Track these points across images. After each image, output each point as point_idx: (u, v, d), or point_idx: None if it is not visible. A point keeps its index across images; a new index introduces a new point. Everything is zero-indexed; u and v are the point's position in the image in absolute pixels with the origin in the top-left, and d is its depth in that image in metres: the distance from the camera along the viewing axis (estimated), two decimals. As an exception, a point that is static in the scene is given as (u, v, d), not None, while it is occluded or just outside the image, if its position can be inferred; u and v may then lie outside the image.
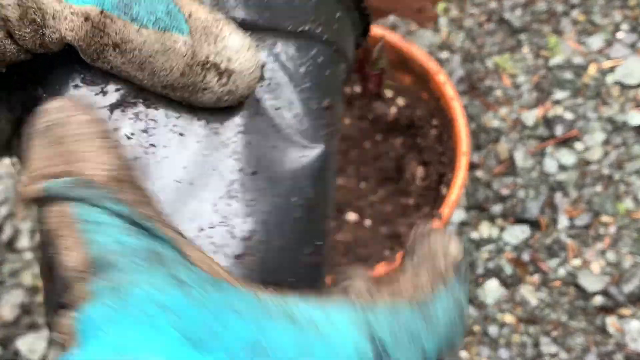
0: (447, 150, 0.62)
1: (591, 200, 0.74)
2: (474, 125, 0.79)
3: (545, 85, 0.80)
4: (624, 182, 0.75)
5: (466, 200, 0.76)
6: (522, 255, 0.73)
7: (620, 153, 0.76)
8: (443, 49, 0.84)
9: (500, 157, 0.77)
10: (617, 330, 0.68)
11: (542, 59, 0.82)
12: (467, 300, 0.28)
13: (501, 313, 0.71)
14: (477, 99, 0.80)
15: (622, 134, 0.77)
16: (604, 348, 0.68)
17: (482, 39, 0.84)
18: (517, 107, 0.80)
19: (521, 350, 0.69)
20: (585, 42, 0.82)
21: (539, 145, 0.77)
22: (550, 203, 0.75)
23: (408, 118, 0.64)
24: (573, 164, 0.76)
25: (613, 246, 0.72)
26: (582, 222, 0.73)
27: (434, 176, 0.62)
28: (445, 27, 0.85)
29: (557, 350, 0.68)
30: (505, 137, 0.78)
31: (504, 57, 0.82)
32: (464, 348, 0.69)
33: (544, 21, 0.84)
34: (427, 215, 0.60)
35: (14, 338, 0.74)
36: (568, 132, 0.77)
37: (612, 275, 0.71)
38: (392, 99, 0.65)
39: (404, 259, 0.27)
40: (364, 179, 0.65)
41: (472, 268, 0.73)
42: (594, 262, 0.72)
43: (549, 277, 0.71)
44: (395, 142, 0.66)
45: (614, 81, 0.79)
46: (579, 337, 0.69)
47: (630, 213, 0.73)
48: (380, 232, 0.61)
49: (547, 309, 0.70)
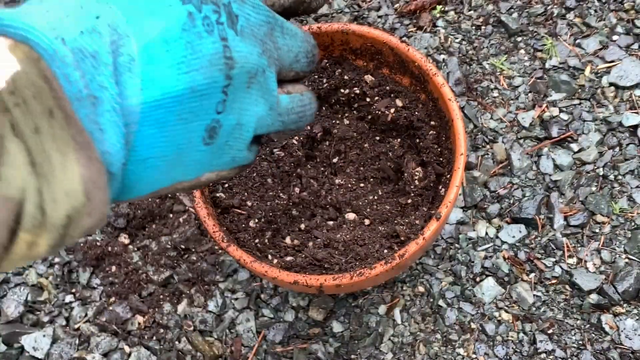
0: (445, 151, 0.62)
1: (586, 200, 0.74)
2: (472, 126, 0.80)
3: (542, 86, 0.81)
4: (618, 182, 0.75)
5: (463, 200, 0.76)
6: (518, 254, 0.73)
7: (615, 153, 0.76)
8: (441, 51, 0.85)
9: (497, 157, 0.78)
10: (612, 328, 0.69)
11: (538, 61, 0.82)
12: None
13: (498, 311, 0.71)
14: (475, 100, 0.81)
15: (617, 135, 0.77)
16: (599, 345, 0.68)
17: (480, 41, 0.85)
18: (514, 108, 0.80)
19: (518, 347, 0.69)
20: (580, 44, 0.83)
21: (535, 145, 0.78)
22: (546, 203, 0.75)
23: (406, 119, 0.64)
24: (569, 164, 0.76)
25: (608, 245, 0.73)
26: (577, 222, 0.74)
27: (432, 176, 0.62)
28: (443, 29, 0.86)
29: (553, 348, 0.69)
30: (502, 137, 0.79)
31: (501, 59, 0.83)
32: (461, 345, 0.70)
33: (540, 24, 0.85)
34: (425, 215, 0.60)
35: (18, 335, 0.75)
36: (564, 133, 0.78)
37: (607, 273, 0.71)
38: (392, 99, 0.66)
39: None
40: (363, 179, 0.66)
41: (470, 267, 0.74)
42: (589, 261, 0.72)
43: (545, 275, 0.72)
44: (394, 142, 0.66)
45: (609, 83, 0.80)
46: (575, 335, 0.69)
47: (624, 213, 0.74)
48: (378, 232, 0.61)
49: (543, 307, 0.71)
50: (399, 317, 0.72)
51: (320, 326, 0.73)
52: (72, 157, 0.27)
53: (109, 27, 0.30)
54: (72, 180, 0.27)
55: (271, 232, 0.63)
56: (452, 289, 0.73)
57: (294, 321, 0.73)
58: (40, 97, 0.26)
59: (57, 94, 0.27)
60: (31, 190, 0.25)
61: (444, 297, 0.72)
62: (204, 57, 0.32)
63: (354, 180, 0.66)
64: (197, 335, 0.73)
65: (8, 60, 0.26)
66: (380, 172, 0.65)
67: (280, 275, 0.56)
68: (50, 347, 0.74)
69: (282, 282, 0.57)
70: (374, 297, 0.73)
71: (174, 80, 0.31)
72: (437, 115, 0.63)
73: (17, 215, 0.25)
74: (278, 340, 0.72)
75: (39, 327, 0.76)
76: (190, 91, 0.31)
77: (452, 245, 0.75)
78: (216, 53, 0.33)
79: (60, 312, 0.76)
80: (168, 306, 0.75)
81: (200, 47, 0.32)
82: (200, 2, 0.33)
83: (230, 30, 0.34)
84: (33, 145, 0.26)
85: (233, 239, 0.60)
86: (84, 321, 0.75)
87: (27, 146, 0.25)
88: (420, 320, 0.72)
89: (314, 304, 0.73)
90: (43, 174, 0.26)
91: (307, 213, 0.64)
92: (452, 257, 0.74)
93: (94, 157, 0.28)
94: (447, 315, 0.71)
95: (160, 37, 0.31)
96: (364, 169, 0.66)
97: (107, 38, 0.30)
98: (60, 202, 0.26)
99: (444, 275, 0.73)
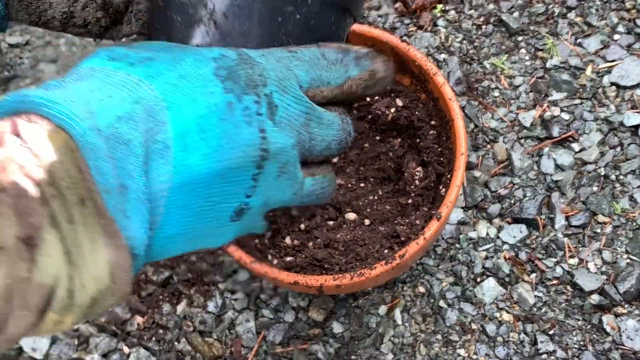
0: (445, 151, 0.62)
1: (588, 200, 0.74)
2: (472, 125, 0.80)
3: (543, 86, 0.80)
4: (620, 182, 0.75)
5: (464, 200, 0.76)
6: (519, 254, 0.73)
7: (616, 153, 0.76)
8: (441, 50, 0.85)
9: (498, 157, 0.78)
10: (613, 328, 0.69)
11: (539, 60, 0.82)
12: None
13: (499, 311, 0.71)
14: (475, 100, 0.81)
15: (619, 135, 0.77)
16: (600, 346, 0.68)
17: (480, 40, 0.85)
18: (515, 108, 0.80)
19: (519, 348, 0.69)
20: (582, 43, 0.82)
21: (536, 145, 0.78)
22: (547, 203, 0.75)
23: (407, 119, 0.64)
24: (570, 164, 0.76)
25: (609, 245, 0.72)
26: (578, 222, 0.73)
27: (432, 176, 0.62)
28: (443, 29, 0.86)
29: (554, 348, 0.69)
30: (502, 137, 0.79)
31: (501, 59, 0.83)
32: (462, 346, 0.70)
33: (541, 23, 0.84)
34: (426, 215, 0.60)
35: (17, 336, 0.75)
36: (565, 133, 0.77)
37: (609, 274, 0.71)
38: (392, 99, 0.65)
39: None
40: (363, 179, 0.66)
41: (470, 267, 0.73)
42: (591, 261, 0.72)
43: (546, 276, 0.72)
44: (394, 142, 0.66)
45: (610, 82, 0.79)
46: (576, 336, 0.69)
47: (626, 213, 0.73)
48: (379, 232, 0.61)
49: (545, 307, 0.71)
50: (400, 317, 0.72)
51: (320, 327, 0.72)
52: (101, 244, 0.29)
53: (147, 113, 0.31)
54: (100, 266, 0.29)
55: (271, 232, 0.63)
56: (453, 290, 0.72)
57: (294, 322, 0.73)
58: (75, 188, 0.28)
59: (88, 185, 0.28)
60: (63, 277, 0.27)
61: (445, 298, 0.72)
62: (239, 148, 0.33)
63: (354, 180, 0.66)
64: (197, 336, 0.73)
65: (47, 149, 0.28)
66: (381, 172, 0.65)
67: (280, 276, 0.56)
68: (49, 347, 0.74)
69: (282, 282, 0.56)
70: (375, 298, 0.73)
71: (204, 167, 0.32)
72: (438, 115, 0.63)
73: (49, 299, 0.27)
74: (278, 341, 0.72)
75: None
76: (220, 177, 0.33)
77: (453, 245, 0.75)
78: (252, 145, 0.33)
79: (59, 312, 0.76)
80: (167, 307, 0.75)
81: (236, 137, 0.33)
82: (243, 92, 0.33)
83: (269, 121, 0.34)
84: (68, 235, 0.27)
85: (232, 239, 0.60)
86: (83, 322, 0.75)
87: (62, 235, 0.27)
88: (421, 320, 0.72)
89: (314, 305, 0.73)
90: (74, 262, 0.28)
91: (307, 213, 0.64)
92: (453, 257, 0.74)
93: (121, 245, 0.30)
94: (447, 316, 0.71)
95: (197, 126, 0.32)
96: (364, 168, 0.66)
97: (142, 126, 0.31)
98: (88, 287, 0.28)
99: (444, 276, 0.73)
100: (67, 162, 0.28)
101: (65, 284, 0.27)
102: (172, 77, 0.32)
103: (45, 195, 0.27)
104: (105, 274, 0.29)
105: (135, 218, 0.30)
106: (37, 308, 0.26)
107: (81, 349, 0.74)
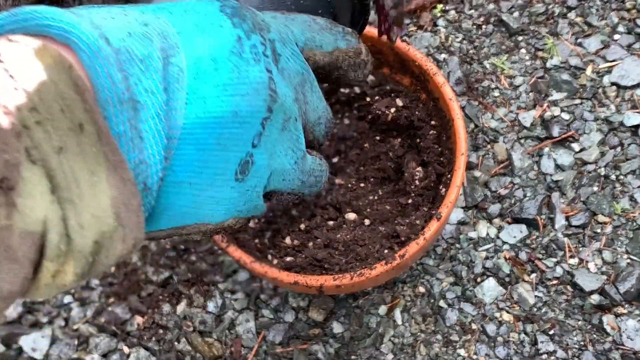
0: (445, 151, 0.62)
1: (588, 200, 0.74)
2: (472, 125, 0.80)
3: (543, 86, 0.80)
4: (620, 182, 0.75)
5: (464, 200, 0.76)
6: (519, 254, 0.73)
7: (616, 153, 0.76)
8: (441, 50, 0.85)
9: (498, 157, 0.78)
10: (613, 328, 0.69)
11: (539, 60, 0.82)
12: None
13: (499, 311, 0.71)
14: (475, 100, 0.81)
15: (619, 135, 0.77)
16: (600, 346, 0.68)
17: (480, 40, 0.85)
18: (515, 108, 0.80)
19: (519, 348, 0.69)
20: (582, 43, 0.82)
21: (537, 145, 0.78)
22: (548, 203, 0.75)
23: (407, 118, 0.64)
24: (570, 164, 0.76)
25: (609, 246, 0.72)
26: (578, 222, 0.73)
27: (432, 176, 0.62)
28: (443, 28, 0.86)
29: (554, 349, 0.69)
30: (503, 137, 0.79)
31: (501, 59, 0.83)
32: (462, 346, 0.70)
33: (541, 23, 0.84)
34: (426, 215, 0.60)
35: (17, 336, 0.75)
36: (565, 133, 0.77)
37: (609, 274, 0.71)
38: (392, 99, 0.65)
39: None
40: (363, 179, 0.66)
41: (470, 267, 0.73)
42: (591, 261, 0.72)
43: (546, 276, 0.72)
44: (394, 142, 0.66)
45: (610, 82, 0.79)
46: (576, 336, 0.69)
47: (626, 213, 0.73)
48: (379, 232, 0.61)
49: (545, 307, 0.71)
50: (400, 317, 0.72)
51: (320, 327, 0.72)
52: (103, 176, 0.25)
53: (159, 35, 0.29)
54: (101, 203, 0.25)
55: (271, 232, 0.63)
56: (453, 290, 0.72)
57: (294, 322, 0.73)
58: (69, 111, 0.24)
59: (89, 106, 0.24)
60: (54, 220, 0.23)
61: (445, 298, 0.72)
62: (250, 84, 0.31)
63: (354, 180, 0.66)
64: (197, 336, 0.73)
65: (33, 67, 0.23)
66: (381, 172, 0.65)
67: (280, 276, 0.56)
68: (49, 347, 0.74)
69: (282, 282, 0.56)
70: (375, 298, 0.73)
71: (218, 101, 0.30)
72: (438, 115, 0.63)
73: (40, 247, 0.23)
74: (278, 341, 0.72)
75: (38, 328, 0.75)
76: (233, 115, 0.30)
77: (453, 245, 0.74)
78: (262, 82, 0.32)
79: (59, 312, 0.76)
80: (167, 307, 0.75)
81: (247, 73, 0.31)
82: (250, 30, 0.32)
83: (274, 66, 0.33)
84: (57, 169, 0.23)
85: (232, 239, 0.60)
86: (83, 322, 0.75)
87: (46, 170, 0.23)
88: (421, 320, 0.72)
89: (314, 305, 0.73)
90: (68, 199, 0.24)
91: (307, 213, 0.64)
92: (453, 257, 0.74)
93: (127, 178, 0.26)
94: (447, 316, 0.71)
95: (210, 55, 0.30)
96: (364, 168, 0.66)
97: (157, 44, 0.28)
98: (87, 228, 0.24)
99: (444, 276, 0.73)
100: (60, 82, 0.24)
101: (58, 227, 0.23)
102: (179, 10, 0.31)
103: (24, 123, 0.22)
104: (109, 212, 0.25)
105: (151, 140, 0.27)
106: (27, 259, 0.22)
107: (81, 349, 0.74)
